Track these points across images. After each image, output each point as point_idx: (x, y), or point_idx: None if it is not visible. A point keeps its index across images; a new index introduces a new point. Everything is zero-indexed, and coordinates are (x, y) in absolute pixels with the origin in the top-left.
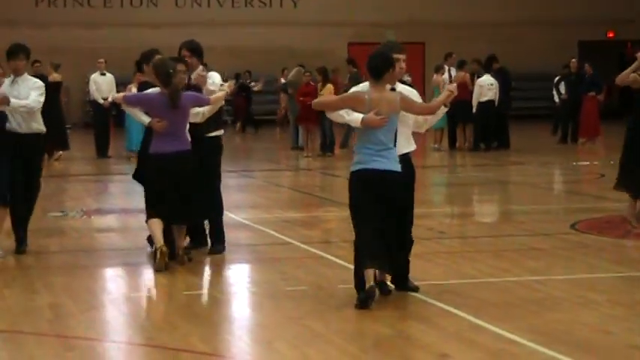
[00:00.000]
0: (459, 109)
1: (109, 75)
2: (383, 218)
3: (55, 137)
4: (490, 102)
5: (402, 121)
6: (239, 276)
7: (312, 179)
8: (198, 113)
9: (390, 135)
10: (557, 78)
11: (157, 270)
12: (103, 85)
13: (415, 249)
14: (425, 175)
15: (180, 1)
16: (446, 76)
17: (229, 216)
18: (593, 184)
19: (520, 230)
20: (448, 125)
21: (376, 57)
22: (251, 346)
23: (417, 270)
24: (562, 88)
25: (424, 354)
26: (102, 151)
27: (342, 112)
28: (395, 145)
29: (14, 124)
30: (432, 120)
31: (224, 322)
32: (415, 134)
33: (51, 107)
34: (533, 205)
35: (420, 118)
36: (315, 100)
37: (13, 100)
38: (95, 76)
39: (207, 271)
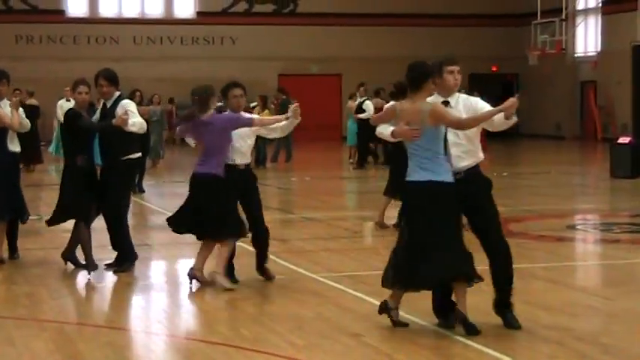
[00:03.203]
0: (374, 129)
1: (73, 101)
2: (431, 232)
3: (31, 153)
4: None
5: (457, 133)
6: (186, 268)
7: None
8: (276, 129)
9: (433, 145)
10: None
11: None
12: None
13: (333, 246)
14: (341, 185)
15: (138, 39)
16: (358, 102)
17: None
18: None
19: None
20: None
21: (414, 68)
22: (196, 328)
23: (335, 263)
24: None
25: (339, 334)
26: None
27: (382, 128)
28: (445, 155)
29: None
30: (499, 125)
31: (172, 307)
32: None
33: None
34: None
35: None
36: (373, 117)
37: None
38: (62, 102)
39: (158, 265)
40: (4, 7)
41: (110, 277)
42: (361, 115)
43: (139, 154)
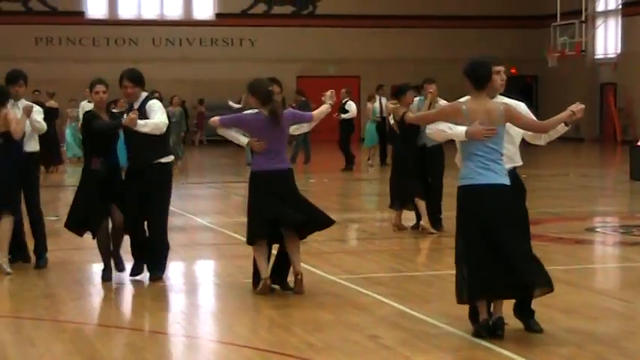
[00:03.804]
0: (390, 129)
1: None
2: (495, 238)
3: (51, 154)
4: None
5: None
6: (204, 270)
7: None
8: (301, 127)
9: (499, 146)
10: None
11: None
12: None
13: (351, 248)
14: (359, 186)
15: (157, 40)
16: (377, 104)
17: (196, 220)
18: None
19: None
20: (380, 143)
21: (478, 66)
22: (215, 329)
23: (353, 265)
24: None
25: (358, 335)
26: None
27: (444, 127)
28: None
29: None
30: (554, 135)
31: (191, 308)
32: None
33: (48, 129)
34: (447, 212)
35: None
36: (416, 115)
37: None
38: (84, 104)
39: (176, 267)
40: (24, 8)
41: (128, 279)
42: (344, 116)
43: (172, 157)
